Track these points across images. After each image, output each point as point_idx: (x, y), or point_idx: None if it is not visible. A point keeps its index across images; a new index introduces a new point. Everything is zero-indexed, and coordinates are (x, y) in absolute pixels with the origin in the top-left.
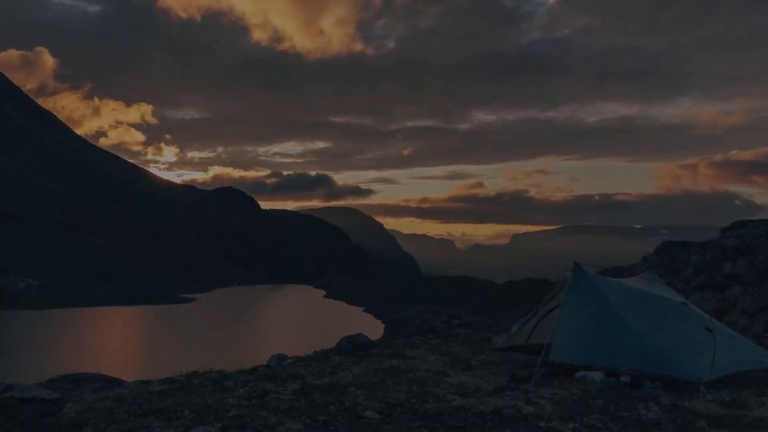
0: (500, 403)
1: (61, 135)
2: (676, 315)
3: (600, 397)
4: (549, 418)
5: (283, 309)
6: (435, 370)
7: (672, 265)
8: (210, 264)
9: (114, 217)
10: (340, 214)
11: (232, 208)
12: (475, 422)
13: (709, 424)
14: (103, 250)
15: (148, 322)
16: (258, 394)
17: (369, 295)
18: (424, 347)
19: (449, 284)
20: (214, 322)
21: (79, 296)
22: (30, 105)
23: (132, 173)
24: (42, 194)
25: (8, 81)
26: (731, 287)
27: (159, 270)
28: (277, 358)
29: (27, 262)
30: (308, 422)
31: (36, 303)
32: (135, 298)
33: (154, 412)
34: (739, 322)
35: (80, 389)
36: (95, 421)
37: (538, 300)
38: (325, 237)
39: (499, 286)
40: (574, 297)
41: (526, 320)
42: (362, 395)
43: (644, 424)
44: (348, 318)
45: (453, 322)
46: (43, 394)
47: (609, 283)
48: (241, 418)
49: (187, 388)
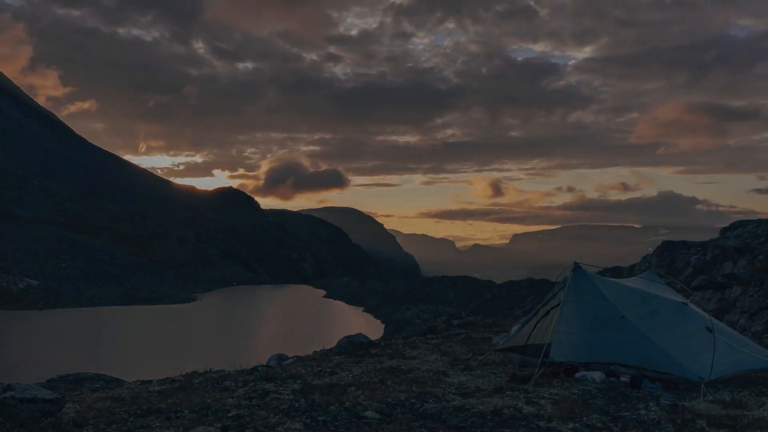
0: (500, 403)
1: (62, 135)
2: (676, 315)
3: (600, 397)
4: (549, 418)
5: (283, 309)
6: (435, 370)
7: (672, 265)
8: (210, 264)
9: (114, 217)
10: (340, 214)
11: (232, 208)
12: (475, 422)
13: (709, 424)
14: (103, 250)
15: (148, 322)
16: (258, 394)
17: (369, 295)
18: (424, 347)
19: (449, 284)
20: (214, 322)
21: (78, 296)
22: (30, 105)
23: (132, 173)
24: (42, 194)
25: (8, 81)
26: (731, 287)
27: (159, 270)
28: (277, 358)
29: (27, 261)
30: (308, 422)
31: (36, 303)
32: (135, 298)
33: (154, 412)
34: (739, 322)
35: (80, 389)
36: (95, 421)
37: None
38: (325, 237)
39: (499, 286)
40: (574, 297)
41: (526, 320)
42: (362, 395)
43: (644, 424)
44: (348, 318)
45: (453, 322)
46: (43, 394)
47: (609, 282)
48: (241, 418)
49: (187, 388)
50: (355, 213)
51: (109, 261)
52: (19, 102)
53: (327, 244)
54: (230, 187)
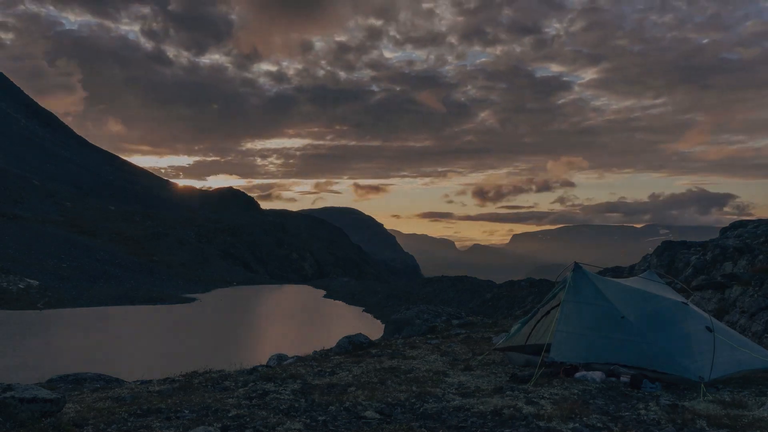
0: (500, 402)
1: (62, 135)
2: (677, 315)
3: (600, 396)
4: (549, 418)
5: (282, 309)
6: (435, 370)
7: (672, 264)
8: (210, 264)
9: (114, 217)
10: (340, 214)
11: (232, 208)
12: (475, 422)
13: (709, 423)
14: (103, 250)
15: (148, 322)
16: (258, 394)
17: (369, 295)
18: (424, 347)
19: (449, 284)
20: (214, 322)
21: (79, 296)
22: (30, 105)
23: (132, 173)
24: (42, 194)
25: (9, 81)
26: (731, 287)
27: (159, 270)
28: (277, 358)
29: (27, 262)
30: (308, 422)
31: (36, 303)
32: (135, 298)
33: (154, 412)
34: (739, 322)
35: (80, 389)
36: (95, 421)
37: (538, 300)
38: (325, 237)
39: (499, 286)
40: (574, 297)
41: (526, 320)
42: (362, 395)
43: (644, 423)
44: (348, 318)
45: (453, 322)
46: (43, 394)
47: (609, 282)
48: (241, 418)
49: (187, 388)
50: (355, 213)
51: (110, 261)
52: (20, 102)
53: (327, 244)
54: (230, 187)
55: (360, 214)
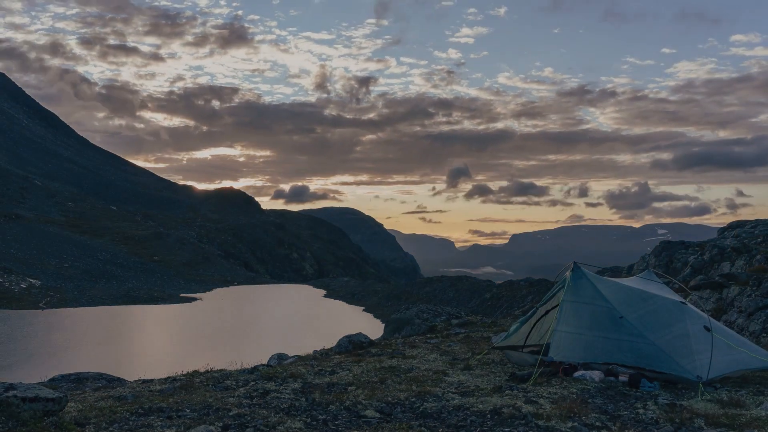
0: (499, 402)
1: (62, 135)
2: (675, 314)
3: (598, 396)
4: (548, 417)
5: (283, 308)
6: (435, 369)
7: (670, 264)
8: (211, 264)
9: (116, 217)
10: (341, 214)
11: (232, 208)
12: (475, 421)
13: (707, 423)
14: (104, 250)
15: (149, 321)
16: (259, 393)
17: (369, 295)
18: (424, 347)
19: (449, 284)
20: (214, 321)
21: (80, 296)
22: (31, 105)
23: (133, 173)
24: (44, 194)
25: (9, 81)
26: (729, 287)
27: (160, 270)
28: (278, 357)
29: (29, 261)
30: (308, 421)
31: (38, 303)
32: (136, 298)
33: (156, 411)
34: (737, 321)
35: (82, 388)
36: (97, 420)
37: (537, 300)
38: (325, 237)
39: (499, 285)
40: (573, 296)
41: (525, 319)
42: (362, 394)
43: (642, 422)
44: (348, 317)
45: (452, 322)
46: (45, 393)
47: (607, 282)
48: (241, 417)
49: (188, 388)
50: (355, 213)
51: (111, 261)
52: (22, 102)
53: (327, 244)
54: (231, 187)
55: (360, 214)
